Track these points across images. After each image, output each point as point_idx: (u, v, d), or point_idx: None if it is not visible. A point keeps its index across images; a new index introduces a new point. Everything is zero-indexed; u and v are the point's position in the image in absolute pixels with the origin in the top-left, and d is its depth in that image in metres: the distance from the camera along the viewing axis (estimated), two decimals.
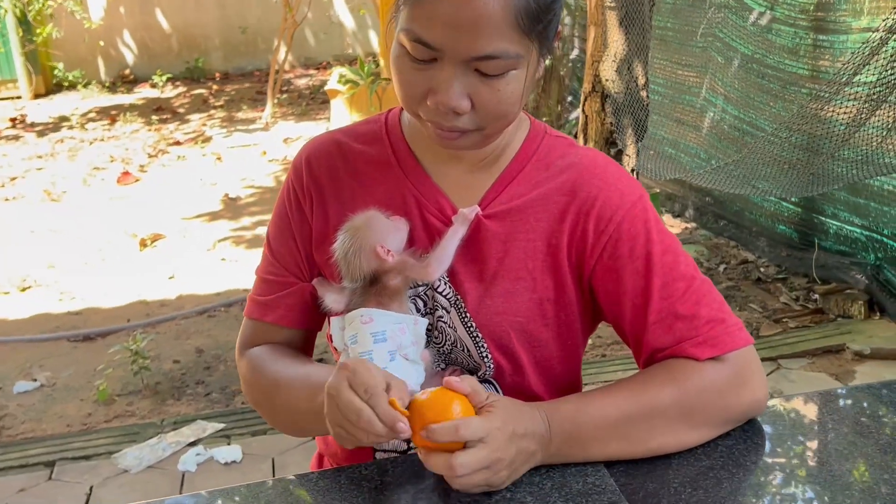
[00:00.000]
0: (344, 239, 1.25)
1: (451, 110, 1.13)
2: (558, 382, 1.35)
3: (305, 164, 1.34)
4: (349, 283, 1.26)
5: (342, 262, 1.25)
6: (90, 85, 10.94)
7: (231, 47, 11.78)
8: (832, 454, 1.22)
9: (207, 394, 3.65)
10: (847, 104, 3.21)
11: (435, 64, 1.11)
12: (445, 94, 1.11)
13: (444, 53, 1.10)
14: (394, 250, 1.24)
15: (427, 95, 1.13)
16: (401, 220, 1.26)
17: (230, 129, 8.72)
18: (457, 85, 1.11)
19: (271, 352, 1.36)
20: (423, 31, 1.09)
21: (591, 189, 1.25)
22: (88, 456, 3.17)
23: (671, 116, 5.18)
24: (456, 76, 1.11)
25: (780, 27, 4.29)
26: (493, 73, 1.11)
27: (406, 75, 1.14)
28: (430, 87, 1.13)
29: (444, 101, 1.12)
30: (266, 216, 5.94)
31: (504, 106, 1.14)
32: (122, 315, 4.51)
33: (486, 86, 1.12)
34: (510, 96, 1.13)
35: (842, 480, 1.14)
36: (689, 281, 1.24)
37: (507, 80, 1.12)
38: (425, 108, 1.15)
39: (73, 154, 8.02)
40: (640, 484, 1.16)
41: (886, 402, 1.32)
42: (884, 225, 3.86)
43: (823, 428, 1.29)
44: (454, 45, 1.08)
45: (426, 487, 1.15)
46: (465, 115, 1.14)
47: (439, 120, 1.15)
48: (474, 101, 1.13)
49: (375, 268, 1.24)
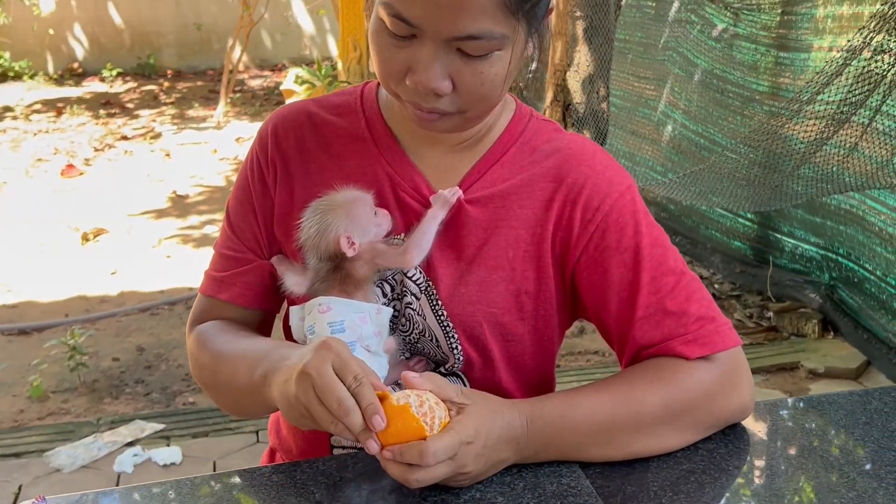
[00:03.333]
0: (314, 213, 1.16)
1: (431, 91, 1.05)
2: (530, 379, 1.27)
3: (272, 133, 1.25)
4: (312, 261, 1.17)
5: (303, 236, 1.17)
6: (37, 76, 10.67)
7: (185, 45, 11.58)
8: (816, 458, 1.16)
9: (147, 393, 3.51)
10: (808, 122, 3.21)
11: (415, 41, 1.03)
12: (425, 74, 1.04)
13: (425, 31, 1.02)
14: (363, 241, 1.15)
15: (406, 74, 1.06)
16: (385, 216, 1.18)
17: (181, 127, 8.55)
18: (437, 65, 1.03)
19: (218, 327, 1.26)
20: (402, 6, 1.01)
21: (578, 176, 1.18)
22: (19, 454, 3.02)
23: (627, 129, 5.18)
24: (437, 56, 1.03)
25: (741, 43, 4.30)
26: (476, 54, 1.03)
27: (385, 52, 1.06)
28: (410, 66, 1.05)
29: (423, 82, 1.04)
30: (216, 215, 5.80)
31: (487, 88, 1.07)
32: (60, 310, 4.35)
33: (469, 67, 1.04)
34: (494, 78, 1.06)
35: (828, 484, 1.08)
36: (678, 276, 1.18)
37: (491, 61, 1.04)
38: (404, 87, 1.07)
39: (16, 145, 7.78)
40: (617, 487, 1.09)
41: (872, 409, 1.26)
42: (839, 244, 3.87)
43: (807, 432, 1.24)
44: (435, 22, 1.00)
45: (386, 485, 1.07)
46: (446, 97, 1.07)
47: (418, 100, 1.08)
48: (455, 82, 1.05)
49: (334, 253, 1.15)
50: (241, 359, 1.17)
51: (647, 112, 5.01)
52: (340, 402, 0.97)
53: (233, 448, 3.04)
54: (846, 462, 1.14)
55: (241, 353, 1.18)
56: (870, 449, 1.16)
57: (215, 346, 1.23)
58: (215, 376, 1.23)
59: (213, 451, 3.03)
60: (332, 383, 0.97)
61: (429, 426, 0.99)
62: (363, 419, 0.97)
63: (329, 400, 0.97)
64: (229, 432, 3.14)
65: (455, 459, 1.00)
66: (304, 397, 0.99)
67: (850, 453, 1.17)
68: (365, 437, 0.98)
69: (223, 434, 3.14)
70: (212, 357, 1.23)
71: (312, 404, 0.98)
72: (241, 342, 1.21)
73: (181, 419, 3.25)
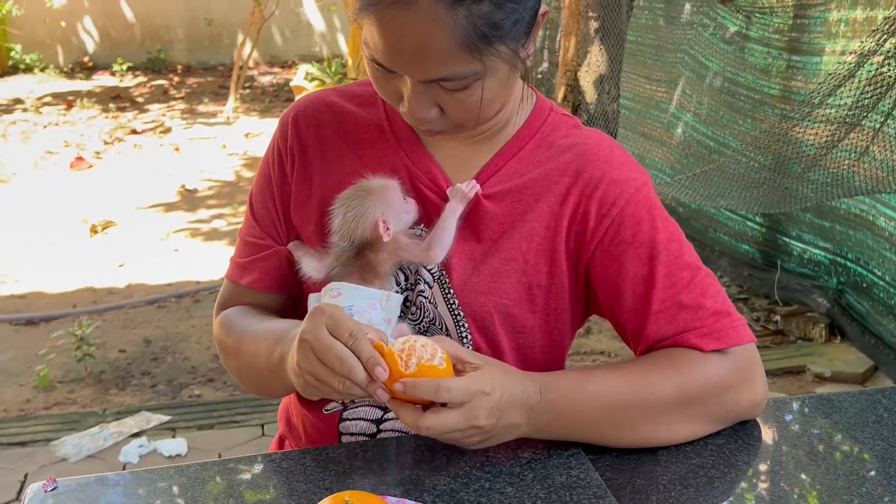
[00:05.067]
0: (350, 198, 1.17)
1: (422, 120, 1.10)
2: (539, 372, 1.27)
3: (292, 122, 1.27)
4: (341, 245, 1.17)
5: (338, 220, 1.17)
6: (47, 69, 10.69)
7: (195, 40, 11.60)
8: (826, 457, 1.16)
9: (153, 385, 3.51)
10: (819, 126, 3.21)
11: (398, 75, 1.07)
12: (411, 106, 1.09)
13: (402, 74, 1.06)
14: (393, 230, 1.16)
15: (399, 100, 1.11)
16: (413, 205, 1.20)
17: (190, 122, 8.56)
18: (422, 99, 1.08)
19: (241, 311, 1.29)
20: (376, 53, 1.06)
21: (594, 171, 1.19)
22: (25, 442, 3.03)
23: (638, 131, 5.17)
24: (419, 91, 1.07)
25: (753, 46, 4.29)
26: (455, 89, 1.06)
27: (377, 82, 1.12)
28: (400, 95, 1.10)
29: (412, 113, 1.09)
30: (224, 209, 5.81)
31: (473, 111, 1.10)
32: (67, 301, 4.36)
33: (451, 97, 1.08)
34: (477, 104, 1.09)
35: (837, 482, 1.08)
36: (693, 271, 1.18)
37: (472, 90, 1.07)
38: (402, 110, 1.12)
39: (26, 137, 7.80)
40: (626, 479, 1.09)
41: (884, 407, 1.26)
42: (848, 249, 3.85)
43: (819, 430, 1.23)
44: (406, 69, 1.05)
45: (396, 473, 1.08)
46: (439, 119, 1.11)
47: (415, 125, 1.13)
48: (444, 108, 1.10)
49: (368, 239, 1.16)
50: (262, 340, 1.19)
51: (658, 114, 5.00)
52: (342, 360, 0.99)
53: (238, 440, 3.04)
54: (855, 461, 1.14)
55: (263, 334, 1.20)
56: (879, 448, 1.16)
57: (238, 329, 1.25)
58: (239, 359, 1.26)
59: (218, 444, 3.03)
60: (329, 343, 1.00)
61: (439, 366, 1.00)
62: (366, 372, 0.99)
63: (330, 360, 0.99)
64: (235, 425, 3.15)
65: (468, 408, 1.01)
66: (306, 363, 1.01)
67: (859, 452, 1.17)
68: (373, 389, 1.00)
69: (229, 426, 3.14)
70: (235, 340, 1.25)
71: (316, 368, 1.00)
72: (263, 324, 1.23)
73: (187, 411, 3.26)
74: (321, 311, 1.02)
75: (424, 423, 1.00)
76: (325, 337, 1.00)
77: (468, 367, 1.05)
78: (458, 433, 1.02)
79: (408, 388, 0.99)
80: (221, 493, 1.05)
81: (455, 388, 1.00)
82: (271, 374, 1.15)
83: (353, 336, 1.00)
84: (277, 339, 1.15)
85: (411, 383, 0.99)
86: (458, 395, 1.00)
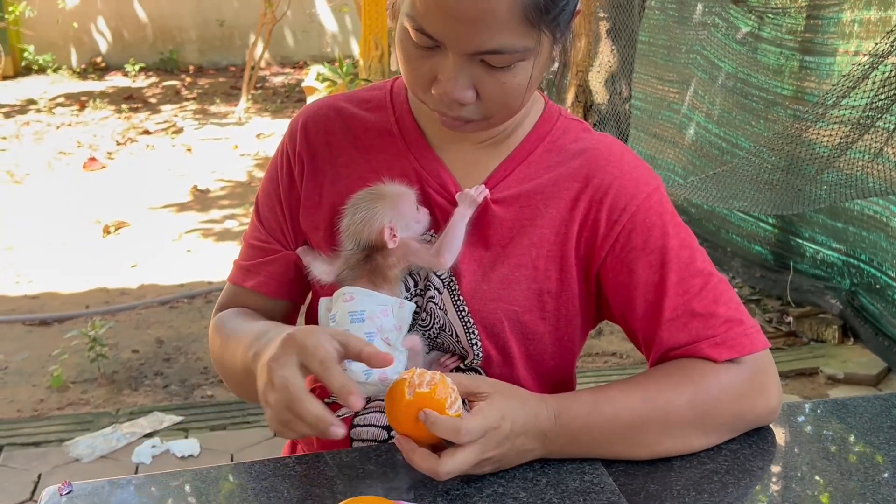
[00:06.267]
0: (361, 200, 1.17)
1: (456, 101, 1.07)
2: (550, 378, 1.27)
3: (301, 128, 1.26)
4: (348, 248, 1.17)
5: (346, 221, 1.17)
6: (60, 70, 10.73)
7: (206, 41, 11.62)
8: (840, 461, 1.15)
9: (166, 386, 3.53)
10: (833, 127, 3.19)
11: (439, 51, 1.05)
12: (449, 84, 1.05)
13: (448, 45, 1.03)
14: (404, 235, 1.16)
15: (432, 83, 1.07)
16: (425, 214, 1.19)
17: (202, 122, 8.58)
18: (461, 76, 1.05)
19: (234, 313, 1.28)
20: (424, 21, 1.02)
21: (605, 176, 1.18)
22: (38, 443, 3.04)
23: (649, 132, 5.16)
24: (460, 67, 1.04)
25: (766, 47, 4.27)
26: (500, 66, 1.04)
27: (411, 61, 1.08)
28: (435, 75, 1.07)
29: (447, 93, 1.06)
30: (236, 210, 5.82)
31: (510, 97, 1.08)
32: (80, 301, 4.37)
33: (492, 77, 1.06)
34: (517, 88, 1.07)
35: (851, 487, 1.08)
36: (706, 278, 1.17)
37: (514, 72, 1.06)
38: (430, 95, 1.09)
39: (39, 137, 7.83)
40: (640, 485, 1.08)
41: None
42: (861, 250, 3.84)
43: (833, 434, 1.23)
44: (457, 38, 1.02)
45: (411, 478, 1.07)
46: (471, 105, 1.08)
47: (444, 109, 1.10)
48: (480, 92, 1.07)
49: (374, 243, 1.16)
50: (241, 339, 1.16)
51: (670, 115, 4.99)
52: (317, 420, 0.97)
53: (250, 441, 3.05)
54: (870, 465, 1.14)
55: (243, 333, 1.17)
56: (894, 453, 1.16)
57: (226, 330, 1.24)
58: (223, 358, 1.24)
59: (230, 444, 3.04)
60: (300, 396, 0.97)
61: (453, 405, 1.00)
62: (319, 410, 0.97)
63: (305, 416, 0.97)
64: (247, 426, 3.15)
65: (481, 444, 1.00)
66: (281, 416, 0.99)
67: (873, 456, 1.16)
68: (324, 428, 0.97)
69: (241, 427, 3.15)
70: (222, 340, 1.24)
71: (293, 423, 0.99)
72: (246, 324, 1.21)
73: (199, 412, 3.27)
74: (293, 340, 1.00)
75: (444, 470, 0.99)
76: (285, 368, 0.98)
77: (478, 398, 1.04)
78: (471, 468, 1.02)
79: (428, 422, 0.98)
80: (235, 496, 1.06)
81: (474, 429, 0.99)
82: (247, 375, 1.11)
83: (324, 365, 0.97)
84: (254, 338, 1.11)
85: (432, 420, 0.97)
86: (476, 435, 0.99)
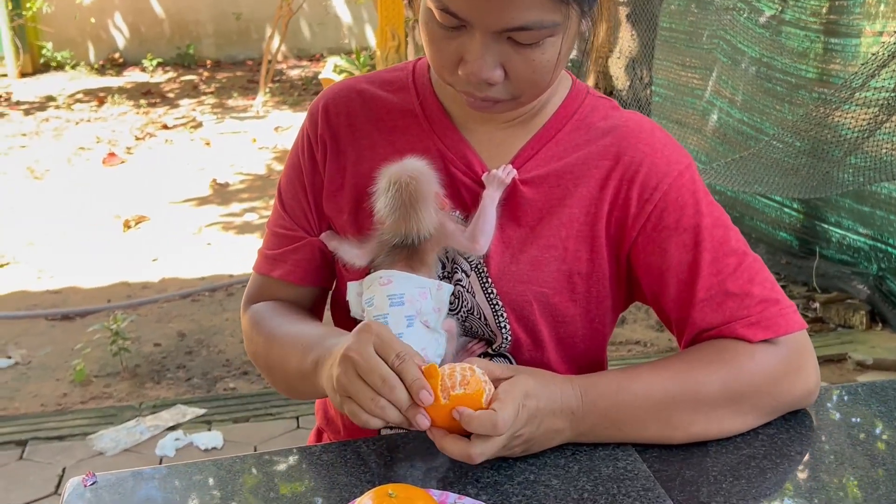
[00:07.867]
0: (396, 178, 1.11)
1: (483, 81, 1.04)
2: (580, 362, 1.24)
3: (322, 111, 1.24)
4: (390, 235, 1.13)
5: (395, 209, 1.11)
6: (78, 66, 10.76)
7: (224, 35, 11.62)
8: (885, 446, 1.12)
9: (188, 378, 3.52)
10: (859, 109, 3.14)
11: (465, 31, 1.02)
12: (476, 64, 1.02)
13: (474, 24, 1.00)
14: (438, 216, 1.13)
15: (458, 64, 1.04)
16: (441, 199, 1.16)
17: (221, 116, 8.58)
18: (488, 55, 1.02)
19: (271, 308, 1.26)
20: (450, 0, 1.00)
21: (635, 154, 1.15)
22: (62, 436, 3.05)
23: (672, 118, 5.09)
24: (487, 46, 1.01)
25: (790, 30, 4.21)
26: (528, 42, 1.01)
27: (436, 43, 1.05)
28: (462, 56, 1.04)
29: (475, 73, 1.03)
30: (256, 203, 5.81)
31: (539, 75, 1.05)
32: (102, 295, 4.38)
33: (520, 55, 1.03)
34: (546, 65, 1.04)
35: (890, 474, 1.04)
36: (740, 257, 1.14)
37: (543, 48, 1.02)
38: (456, 77, 1.06)
39: (59, 133, 7.86)
40: (675, 471, 1.05)
41: None
42: (889, 234, 3.78)
43: (874, 417, 1.19)
44: (484, 16, 0.99)
45: (439, 465, 1.05)
46: (499, 85, 1.05)
47: (471, 90, 1.07)
48: (507, 70, 1.04)
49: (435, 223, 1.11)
50: (294, 343, 1.16)
51: (692, 101, 4.93)
52: (384, 379, 0.95)
53: (273, 433, 3.04)
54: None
55: (294, 337, 1.17)
56: None
57: (269, 328, 1.22)
58: (268, 358, 1.23)
59: (254, 437, 3.03)
60: (374, 362, 0.96)
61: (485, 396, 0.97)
62: (408, 395, 0.95)
63: (372, 379, 0.96)
64: (270, 418, 3.15)
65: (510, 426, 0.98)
66: (345, 378, 0.98)
67: None
68: (413, 413, 0.96)
69: (264, 419, 3.14)
70: (265, 339, 1.22)
71: (354, 384, 0.97)
72: (295, 326, 1.20)
73: (222, 404, 3.26)
74: (368, 329, 0.99)
75: (476, 451, 0.96)
76: (370, 355, 0.96)
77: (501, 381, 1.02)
78: (501, 450, 1.00)
79: (464, 420, 0.95)
80: (261, 486, 1.04)
81: (509, 418, 0.96)
82: (303, 380, 1.12)
83: (400, 358, 0.96)
84: (310, 345, 1.11)
85: (468, 417, 0.95)
86: (508, 422, 0.97)
